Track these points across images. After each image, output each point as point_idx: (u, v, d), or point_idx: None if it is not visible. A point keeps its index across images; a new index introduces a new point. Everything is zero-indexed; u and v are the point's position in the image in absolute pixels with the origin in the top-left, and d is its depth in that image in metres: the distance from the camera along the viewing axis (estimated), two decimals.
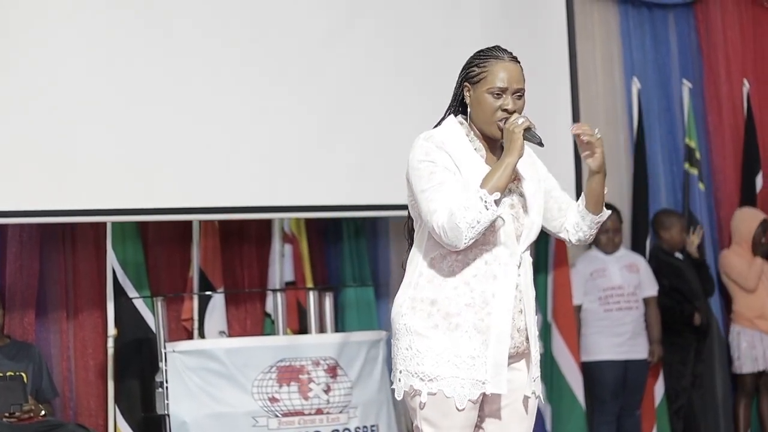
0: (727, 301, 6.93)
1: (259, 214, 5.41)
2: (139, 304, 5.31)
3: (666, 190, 7.04)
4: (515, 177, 3.12)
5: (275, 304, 5.50)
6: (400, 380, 3.08)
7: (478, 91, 3.12)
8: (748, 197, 7.06)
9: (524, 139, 3.04)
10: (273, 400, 5.07)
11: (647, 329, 6.37)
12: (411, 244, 3.17)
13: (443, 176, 3.02)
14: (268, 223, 5.71)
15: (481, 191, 2.95)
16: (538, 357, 3.17)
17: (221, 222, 5.57)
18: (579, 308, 6.36)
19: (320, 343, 5.24)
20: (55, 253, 5.33)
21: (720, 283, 6.92)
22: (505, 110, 3.09)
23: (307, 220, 5.74)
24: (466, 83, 3.17)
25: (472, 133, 3.15)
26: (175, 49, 5.11)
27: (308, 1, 5.43)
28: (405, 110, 5.51)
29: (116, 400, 5.26)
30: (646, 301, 6.38)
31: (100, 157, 4.94)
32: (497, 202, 2.97)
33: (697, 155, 6.93)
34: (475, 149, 3.12)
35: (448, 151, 3.06)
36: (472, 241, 2.97)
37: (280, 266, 5.70)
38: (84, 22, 4.95)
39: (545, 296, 6.37)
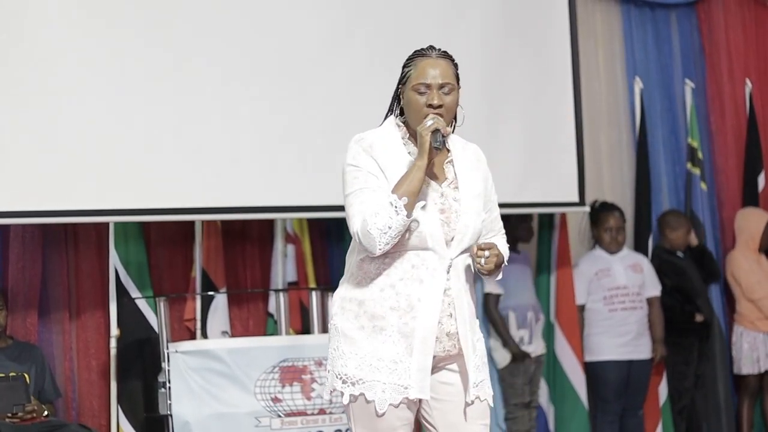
0: (729, 299, 6.92)
1: (262, 214, 5.41)
2: (142, 305, 5.31)
3: (668, 190, 7.05)
4: (451, 181, 3.12)
5: (278, 304, 5.50)
6: (327, 380, 3.12)
7: (407, 91, 3.12)
8: (750, 197, 7.06)
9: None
10: (276, 400, 5.07)
11: (650, 329, 6.36)
12: None
13: (365, 181, 3.02)
14: (271, 223, 5.71)
15: (392, 196, 2.95)
16: (477, 361, 3.14)
17: (223, 222, 5.57)
18: (582, 308, 6.36)
19: (323, 343, 5.13)
20: (58, 253, 5.33)
21: (723, 282, 6.92)
22: (430, 105, 3.06)
23: (310, 221, 5.74)
24: (400, 86, 3.16)
25: (408, 135, 3.13)
26: (177, 49, 5.11)
27: (310, 3, 5.43)
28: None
29: (119, 401, 5.26)
30: (650, 301, 6.38)
31: (102, 158, 4.94)
32: (408, 206, 2.95)
33: (700, 155, 6.93)
34: (409, 153, 3.09)
35: (375, 154, 3.05)
36: (389, 246, 2.97)
37: (283, 266, 5.70)
38: (85, 23, 4.94)
39: (548, 296, 6.38)
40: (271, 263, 5.75)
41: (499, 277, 3.22)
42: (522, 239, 6.25)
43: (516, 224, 6.18)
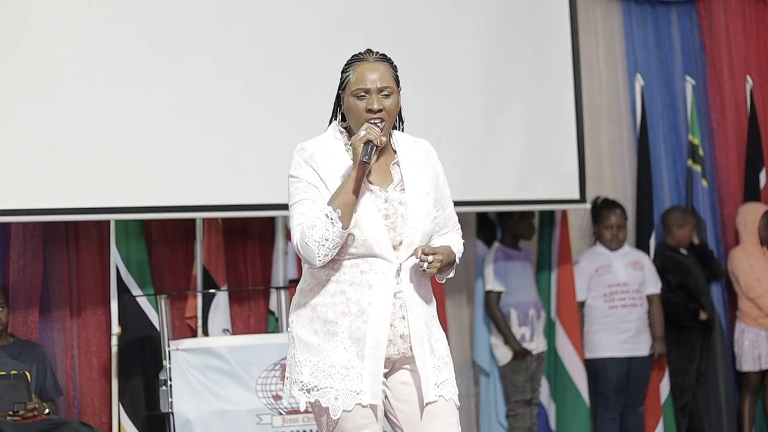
0: (731, 296, 6.92)
1: (263, 211, 5.41)
2: (143, 302, 5.31)
3: (669, 187, 7.05)
4: (398, 183, 3.12)
5: (279, 301, 5.50)
6: (286, 386, 3.15)
7: (347, 96, 3.12)
8: (751, 194, 7.06)
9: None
10: (277, 397, 5.07)
11: (650, 326, 6.36)
12: None
13: (305, 192, 3.04)
14: (272, 220, 5.71)
15: (327, 208, 2.98)
16: (437, 361, 3.13)
17: (224, 220, 5.57)
18: (582, 304, 6.36)
19: None
20: (59, 251, 5.33)
21: (725, 279, 6.92)
22: (370, 110, 3.07)
23: None
24: (340, 92, 3.17)
25: (350, 142, 3.11)
26: (177, 47, 5.11)
27: (308, 2, 5.42)
28: (406, 108, 5.48)
29: (120, 399, 5.27)
30: (650, 299, 6.38)
31: (103, 156, 4.94)
32: (342, 218, 2.96)
33: (701, 152, 6.93)
34: (352, 159, 3.08)
35: (315, 165, 3.07)
36: (328, 257, 3.00)
37: (284, 264, 5.70)
38: (87, 21, 4.95)
39: (549, 293, 6.37)
40: (272, 261, 5.75)
41: (451, 275, 3.21)
42: (523, 236, 6.25)
43: (517, 221, 6.17)
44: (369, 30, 5.48)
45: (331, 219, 2.96)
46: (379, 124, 3.07)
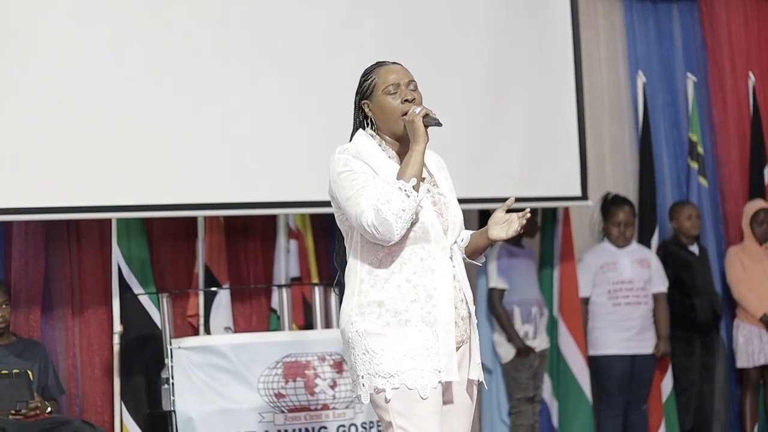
0: (731, 295, 6.90)
1: (264, 209, 5.41)
2: (145, 301, 5.32)
3: (671, 184, 7.03)
4: (429, 180, 3.29)
5: (281, 299, 5.50)
6: (363, 385, 3.19)
7: (376, 98, 3.28)
8: (756, 191, 7.04)
9: (425, 125, 3.19)
10: (279, 395, 5.07)
11: (655, 324, 6.35)
12: (344, 264, 3.30)
13: (364, 181, 3.16)
14: (273, 218, 5.71)
15: (399, 182, 3.11)
16: (478, 342, 3.32)
17: (226, 218, 5.57)
18: (586, 301, 6.36)
19: (326, 339, 5.23)
20: (61, 250, 5.33)
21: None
22: (406, 101, 3.24)
23: (312, 216, 5.74)
24: (363, 101, 3.32)
25: (384, 143, 3.29)
26: (179, 46, 5.11)
27: (310, 2, 5.42)
28: None
29: (122, 397, 5.27)
30: (656, 297, 6.37)
31: (105, 154, 4.94)
32: (416, 188, 3.11)
33: (699, 149, 6.92)
34: (389, 157, 3.26)
35: (363, 159, 3.20)
36: (404, 231, 3.12)
37: (286, 262, 5.70)
38: (88, 20, 4.95)
39: (551, 290, 6.37)
40: (273, 259, 5.75)
41: (480, 262, 3.42)
42: (526, 234, 6.24)
43: None
44: (371, 30, 5.50)
45: (405, 191, 3.09)
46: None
